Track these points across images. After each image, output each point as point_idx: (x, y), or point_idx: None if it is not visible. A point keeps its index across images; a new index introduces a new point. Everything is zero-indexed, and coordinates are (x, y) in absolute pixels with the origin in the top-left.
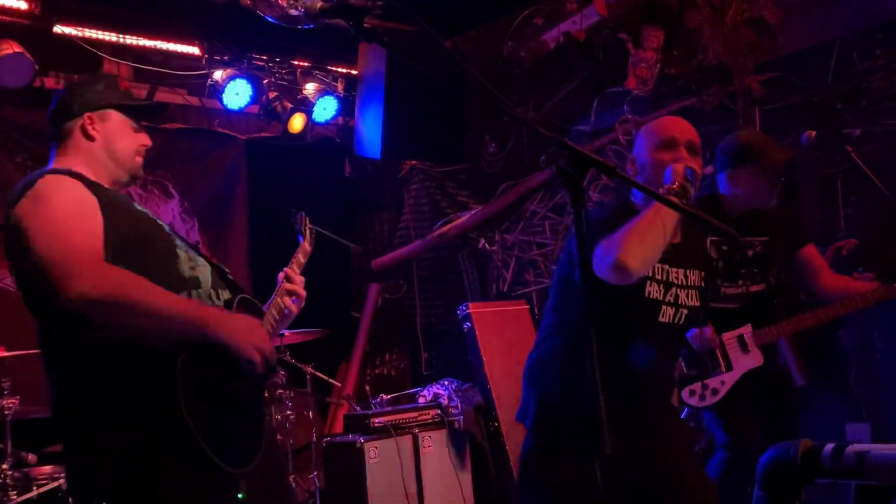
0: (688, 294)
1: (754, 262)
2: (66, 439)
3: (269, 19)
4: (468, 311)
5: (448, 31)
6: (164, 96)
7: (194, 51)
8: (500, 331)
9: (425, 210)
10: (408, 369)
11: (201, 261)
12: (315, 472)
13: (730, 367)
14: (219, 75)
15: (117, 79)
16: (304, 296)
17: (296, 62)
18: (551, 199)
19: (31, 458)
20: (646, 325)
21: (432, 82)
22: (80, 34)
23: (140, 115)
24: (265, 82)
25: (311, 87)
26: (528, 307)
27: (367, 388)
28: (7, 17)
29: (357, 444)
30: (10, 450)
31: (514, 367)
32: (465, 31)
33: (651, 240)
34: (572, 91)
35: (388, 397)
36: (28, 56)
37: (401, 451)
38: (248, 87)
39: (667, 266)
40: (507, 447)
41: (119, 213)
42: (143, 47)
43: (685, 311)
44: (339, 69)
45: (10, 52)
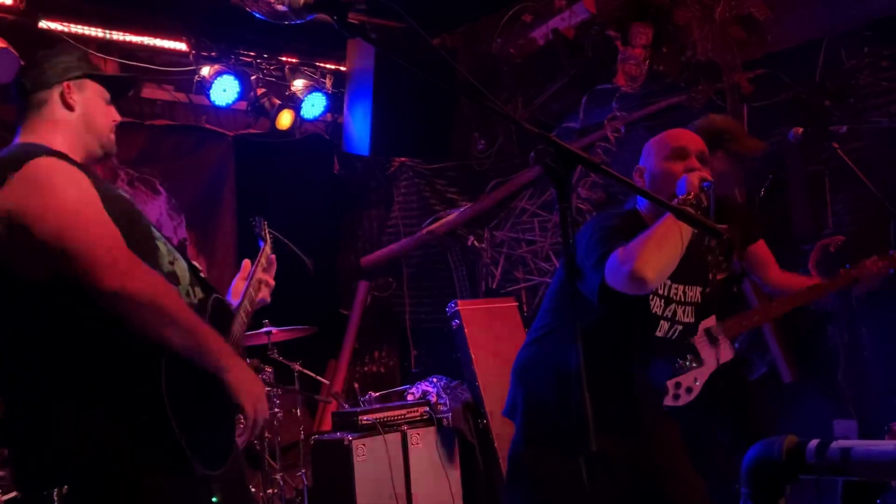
0: (684, 311)
1: (718, 250)
2: (32, 425)
3: (257, 15)
4: (457, 308)
5: (436, 27)
6: (151, 93)
7: (181, 47)
8: (489, 328)
9: (414, 207)
10: (396, 367)
11: (178, 255)
12: (303, 470)
13: (701, 362)
14: (206, 71)
15: (87, 52)
16: (272, 285)
17: (284, 58)
18: (540, 196)
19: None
20: (644, 338)
21: (421, 79)
22: (66, 30)
23: (113, 90)
24: (253, 79)
25: (299, 84)
26: (516, 304)
27: (356, 385)
28: None
29: (345, 442)
30: None
31: (502, 365)
32: (453, 27)
33: (668, 250)
34: (561, 88)
35: (377, 395)
36: (13, 51)
37: (389, 448)
38: (236, 83)
39: (668, 281)
40: (495, 444)
41: (108, 199)
42: (130, 43)
43: (680, 327)
44: (328, 65)
45: None
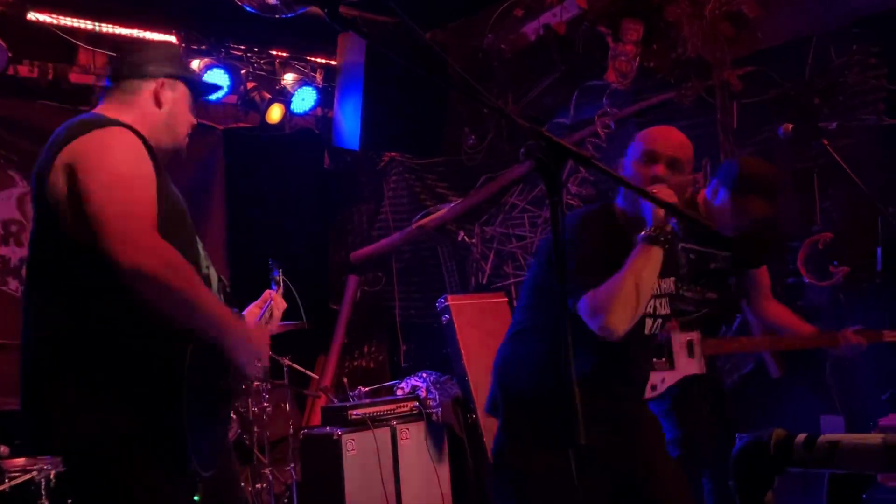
0: (660, 303)
1: (716, 275)
2: (50, 392)
3: (247, 9)
4: (447, 303)
5: (426, 23)
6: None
7: (171, 40)
8: (479, 323)
9: (404, 202)
10: (386, 362)
11: (209, 261)
12: (292, 465)
13: (672, 367)
14: (196, 65)
15: (184, 53)
16: (284, 306)
17: (274, 52)
18: (530, 191)
19: (3, 450)
20: (631, 338)
21: (412, 74)
22: (55, 22)
23: (201, 95)
24: (243, 72)
25: (289, 78)
26: (506, 300)
27: (345, 380)
28: None
29: (334, 437)
30: None
31: (492, 360)
32: (444, 23)
33: (639, 298)
34: (552, 84)
35: (366, 390)
36: (1, 43)
37: (378, 443)
38: (226, 76)
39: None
40: (484, 439)
41: (166, 193)
42: (120, 36)
43: (660, 320)
44: (318, 60)
45: None
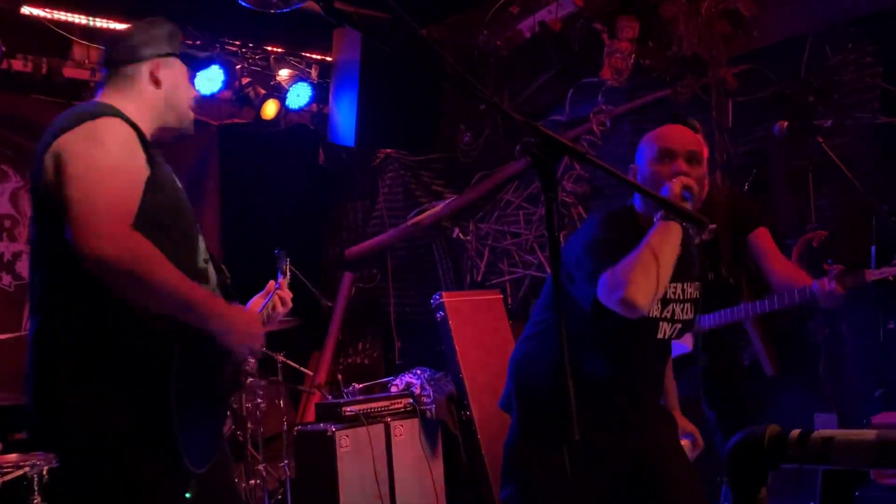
0: (683, 308)
1: (703, 249)
2: (44, 387)
3: (243, 3)
4: (441, 300)
5: (421, 19)
6: None
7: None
8: (474, 320)
9: (399, 199)
10: (380, 358)
11: (209, 255)
12: (286, 461)
13: None
14: None
15: (176, 27)
16: (290, 306)
17: (269, 48)
18: (526, 189)
19: None
20: (644, 342)
21: (407, 70)
22: (49, 16)
23: (198, 67)
24: (238, 68)
25: (284, 74)
26: (501, 297)
27: (340, 377)
28: None
29: (328, 433)
30: None
31: (487, 357)
32: (439, 19)
33: (659, 272)
34: (547, 81)
35: (361, 386)
36: None
37: (372, 439)
38: (221, 72)
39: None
40: (478, 436)
41: (163, 185)
42: (114, 30)
43: (679, 325)
44: (314, 56)
45: None
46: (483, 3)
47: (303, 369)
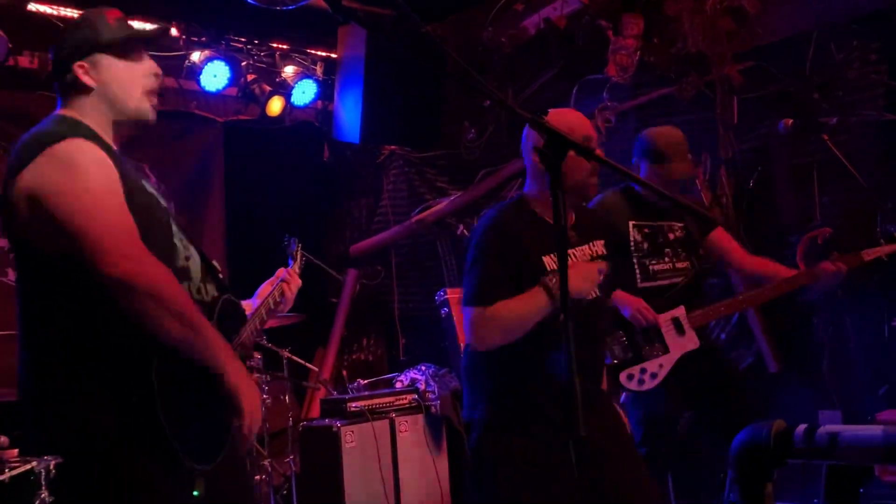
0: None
1: (678, 244)
2: (36, 397)
3: (250, 1)
4: (446, 296)
5: (425, 16)
6: None
7: (172, 32)
8: None
9: (404, 196)
10: (385, 355)
11: (193, 250)
12: (291, 457)
13: (667, 350)
14: (196, 57)
15: (103, 14)
16: (299, 284)
17: (274, 45)
18: None
19: (3, 440)
20: (552, 324)
21: (412, 67)
22: (56, 13)
23: (138, 47)
24: (243, 64)
25: (289, 70)
26: None
27: (345, 373)
28: None
29: (333, 429)
30: None
31: None
32: (443, 16)
33: (517, 332)
34: (552, 78)
35: (365, 382)
36: (1, 34)
37: (377, 435)
38: (227, 69)
39: (572, 251)
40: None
41: (133, 191)
42: None
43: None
44: (319, 52)
45: None
46: (487, 1)
47: (308, 365)
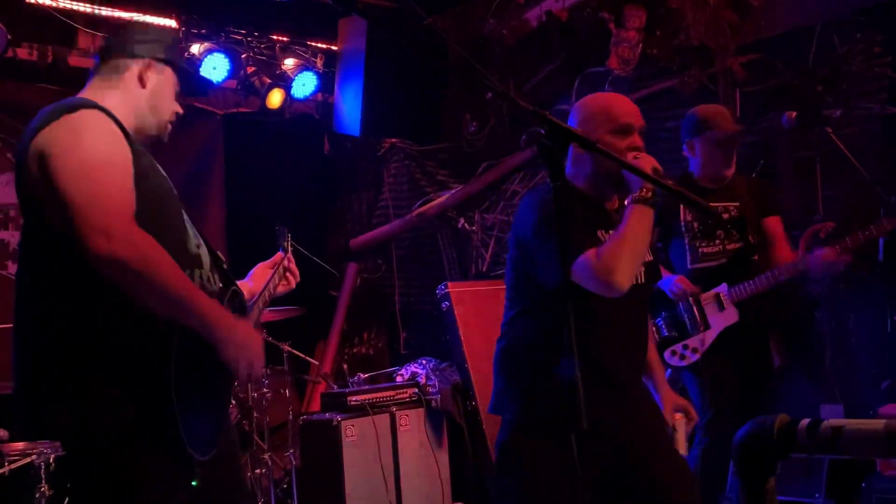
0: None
1: (730, 223)
2: (40, 380)
3: None
4: (447, 290)
5: (426, 9)
6: None
7: (171, 23)
8: (479, 310)
9: (405, 189)
10: (386, 348)
11: (202, 239)
12: (291, 451)
13: (708, 326)
14: (196, 49)
15: (179, 40)
16: (298, 278)
17: (274, 37)
18: (531, 179)
19: (3, 433)
20: (620, 305)
21: (413, 60)
22: (55, 4)
23: (189, 86)
24: (243, 57)
25: (290, 63)
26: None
27: (345, 366)
28: None
29: (334, 423)
30: None
31: (492, 347)
32: (445, 8)
33: (640, 255)
34: (553, 70)
35: (366, 376)
36: (0, 25)
37: (378, 429)
38: (226, 61)
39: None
40: (484, 426)
41: (147, 173)
42: (119, 19)
43: (642, 266)
44: (319, 45)
45: None
46: None
47: (308, 359)
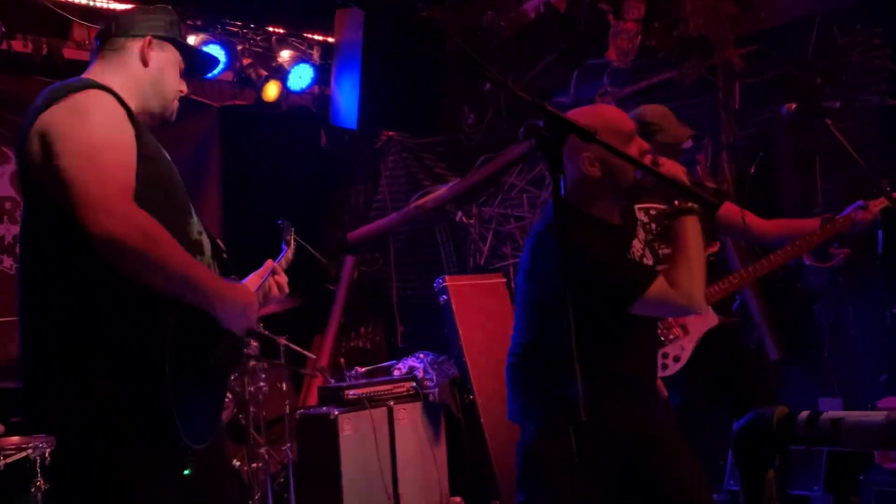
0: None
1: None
2: (37, 362)
3: None
4: (444, 284)
5: (425, 0)
6: None
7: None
8: (477, 304)
9: (402, 182)
10: (383, 342)
11: (203, 227)
12: (288, 445)
13: (686, 332)
14: (192, 41)
15: (179, 20)
16: (287, 292)
17: (271, 29)
18: (529, 172)
19: None
20: (644, 324)
21: (410, 52)
22: None
23: (194, 63)
24: (239, 49)
25: (286, 55)
26: (504, 280)
27: (342, 360)
28: None
29: (331, 417)
30: None
31: (490, 341)
32: (441, 0)
33: (705, 268)
34: (552, 62)
35: (363, 370)
36: None
37: (375, 423)
38: (222, 53)
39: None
40: (481, 420)
41: (150, 155)
42: (114, 10)
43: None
44: (316, 36)
45: None
46: None
47: (305, 353)
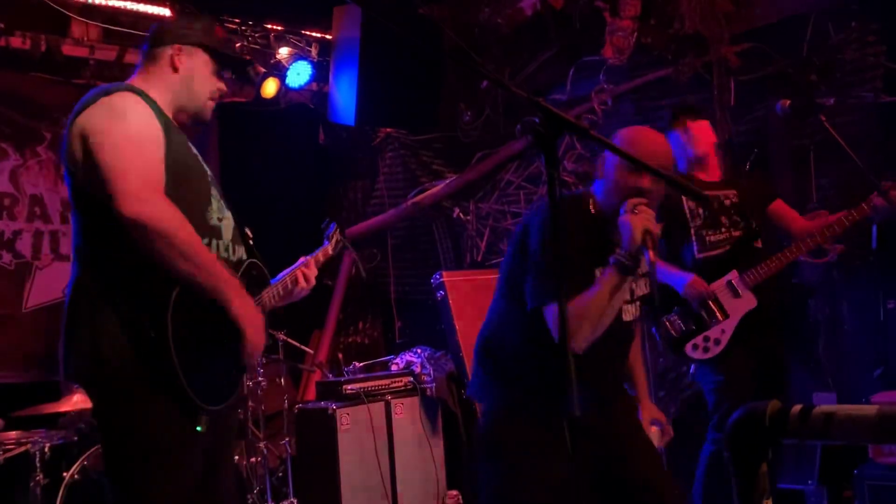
0: (637, 284)
1: (733, 210)
2: (71, 322)
3: None
4: (442, 279)
5: None
6: (133, 58)
7: (165, 12)
8: (474, 300)
9: (400, 178)
10: (381, 337)
11: (229, 214)
12: (287, 439)
13: (726, 315)
14: None
15: (215, 25)
16: (312, 285)
17: (269, 26)
18: (526, 168)
19: None
20: (612, 327)
21: (408, 49)
22: None
23: (226, 65)
24: (237, 46)
25: (284, 52)
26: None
27: (340, 355)
28: None
29: (329, 411)
30: None
31: None
32: None
33: (603, 323)
34: (548, 59)
35: (361, 365)
36: None
37: (373, 417)
38: None
39: None
40: (478, 414)
41: (174, 148)
42: (113, 7)
43: (639, 301)
44: (314, 34)
45: None
46: None
47: (304, 348)
